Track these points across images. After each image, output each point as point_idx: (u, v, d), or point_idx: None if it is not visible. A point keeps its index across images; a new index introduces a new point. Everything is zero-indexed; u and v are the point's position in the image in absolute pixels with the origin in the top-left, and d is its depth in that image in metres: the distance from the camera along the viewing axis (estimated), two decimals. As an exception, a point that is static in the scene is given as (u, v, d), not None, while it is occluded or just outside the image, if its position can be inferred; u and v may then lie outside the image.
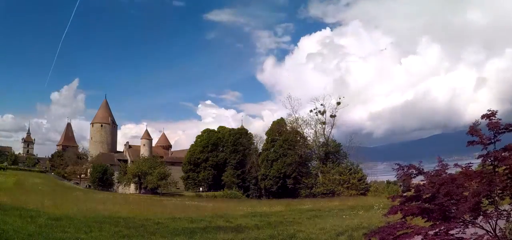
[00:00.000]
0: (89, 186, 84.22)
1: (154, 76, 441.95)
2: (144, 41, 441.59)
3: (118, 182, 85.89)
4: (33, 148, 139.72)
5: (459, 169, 5.94)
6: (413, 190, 6.01)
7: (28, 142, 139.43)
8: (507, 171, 5.41)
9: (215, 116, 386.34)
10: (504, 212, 5.49)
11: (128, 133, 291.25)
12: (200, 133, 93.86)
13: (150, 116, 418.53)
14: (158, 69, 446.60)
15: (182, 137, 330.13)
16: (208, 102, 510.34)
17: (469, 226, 5.48)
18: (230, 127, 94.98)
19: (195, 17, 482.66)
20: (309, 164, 78.20)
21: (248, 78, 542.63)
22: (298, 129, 78.57)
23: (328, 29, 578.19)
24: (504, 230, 5.68)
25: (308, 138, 77.61)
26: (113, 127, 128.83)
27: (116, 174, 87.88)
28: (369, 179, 69.34)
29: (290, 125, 79.39)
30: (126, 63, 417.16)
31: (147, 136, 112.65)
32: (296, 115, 79.23)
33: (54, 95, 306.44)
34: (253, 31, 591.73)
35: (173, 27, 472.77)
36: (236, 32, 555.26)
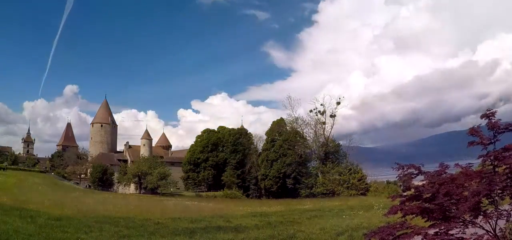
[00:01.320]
0: (89, 186, 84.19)
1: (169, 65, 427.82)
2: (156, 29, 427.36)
3: (118, 182, 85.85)
4: (33, 148, 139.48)
5: (459, 169, 5.94)
6: (413, 190, 6.00)
7: (28, 142, 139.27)
8: (507, 171, 5.41)
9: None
10: (504, 212, 5.49)
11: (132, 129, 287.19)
12: (200, 133, 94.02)
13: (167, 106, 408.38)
14: (174, 58, 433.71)
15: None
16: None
17: (469, 226, 5.47)
18: (230, 127, 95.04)
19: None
20: (309, 164, 78.22)
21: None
22: (298, 129, 78.64)
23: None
24: (504, 230, 5.68)
25: (308, 138, 77.71)
26: (113, 127, 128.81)
27: (116, 174, 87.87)
28: (369, 179, 69.38)
29: (290, 125, 79.47)
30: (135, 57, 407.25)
31: (147, 136, 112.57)
32: (296, 115, 79.41)
33: (52, 92, 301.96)
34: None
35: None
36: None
